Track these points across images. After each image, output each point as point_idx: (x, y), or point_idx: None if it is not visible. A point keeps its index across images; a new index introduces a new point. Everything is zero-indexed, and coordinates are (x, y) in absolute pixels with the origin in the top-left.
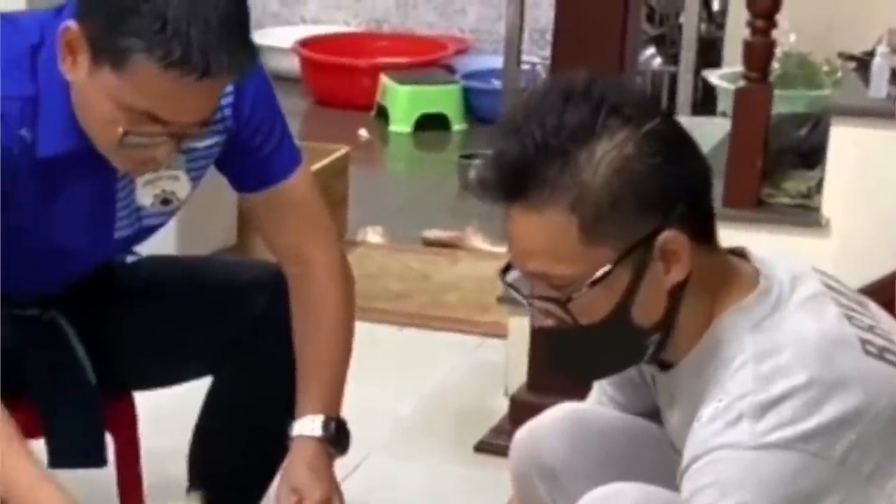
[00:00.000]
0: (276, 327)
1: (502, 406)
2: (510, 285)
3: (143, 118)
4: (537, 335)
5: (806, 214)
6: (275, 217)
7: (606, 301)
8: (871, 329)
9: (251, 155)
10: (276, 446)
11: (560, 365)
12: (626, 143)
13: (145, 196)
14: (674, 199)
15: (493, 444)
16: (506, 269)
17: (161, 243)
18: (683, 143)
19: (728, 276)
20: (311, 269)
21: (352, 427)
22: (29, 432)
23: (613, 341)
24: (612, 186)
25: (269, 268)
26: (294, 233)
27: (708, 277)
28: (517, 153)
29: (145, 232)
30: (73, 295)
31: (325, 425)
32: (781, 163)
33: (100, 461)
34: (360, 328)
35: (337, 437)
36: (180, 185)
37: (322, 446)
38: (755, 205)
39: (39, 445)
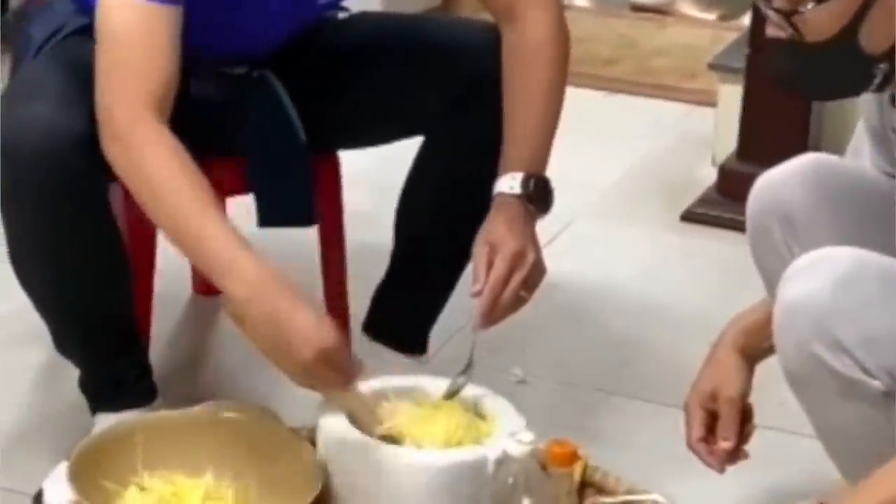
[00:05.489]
0: (491, 88)
1: (709, 175)
2: None
3: None
4: (769, 45)
5: None
6: None
7: (835, 20)
8: None
9: None
10: (480, 206)
11: (783, 79)
12: None
13: None
14: None
15: (701, 214)
16: None
17: (367, 2)
18: None
19: None
20: (525, 27)
21: (556, 194)
22: (237, 189)
23: (839, 64)
24: None
25: (484, 27)
26: None
27: None
28: None
29: None
30: (284, 53)
31: (525, 182)
32: None
33: (308, 220)
34: (566, 93)
35: (537, 194)
36: None
37: (521, 203)
38: None
39: (248, 203)
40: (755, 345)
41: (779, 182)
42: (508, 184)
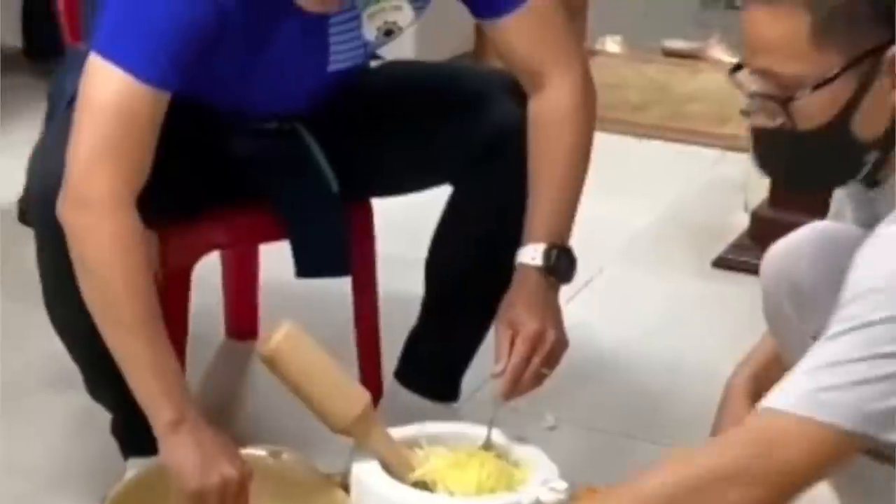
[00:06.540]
0: (517, 138)
1: (741, 221)
2: (737, 84)
3: None
4: (754, 136)
5: None
6: (511, 38)
7: (828, 108)
8: None
9: None
10: (508, 256)
11: (772, 170)
12: None
13: (369, 30)
14: None
15: (733, 260)
16: (735, 69)
17: (399, 49)
18: None
19: None
20: (550, 95)
21: (586, 240)
22: (271, 236)
23: (830, 152)
24: None
25: (511, 77)
26: (532, 53)
27: None
28: None
29: (365, 62)
30: (313, 105)
31: (547, 254)
32: None
33: (344, 269)
34: (597, 139)
35: (559, 266)
36: (403, 15)
37: (542, 276)
38: None
39: (284, 250)
40: (765, 388)
41: (788, 253)
42: (530, 255)
